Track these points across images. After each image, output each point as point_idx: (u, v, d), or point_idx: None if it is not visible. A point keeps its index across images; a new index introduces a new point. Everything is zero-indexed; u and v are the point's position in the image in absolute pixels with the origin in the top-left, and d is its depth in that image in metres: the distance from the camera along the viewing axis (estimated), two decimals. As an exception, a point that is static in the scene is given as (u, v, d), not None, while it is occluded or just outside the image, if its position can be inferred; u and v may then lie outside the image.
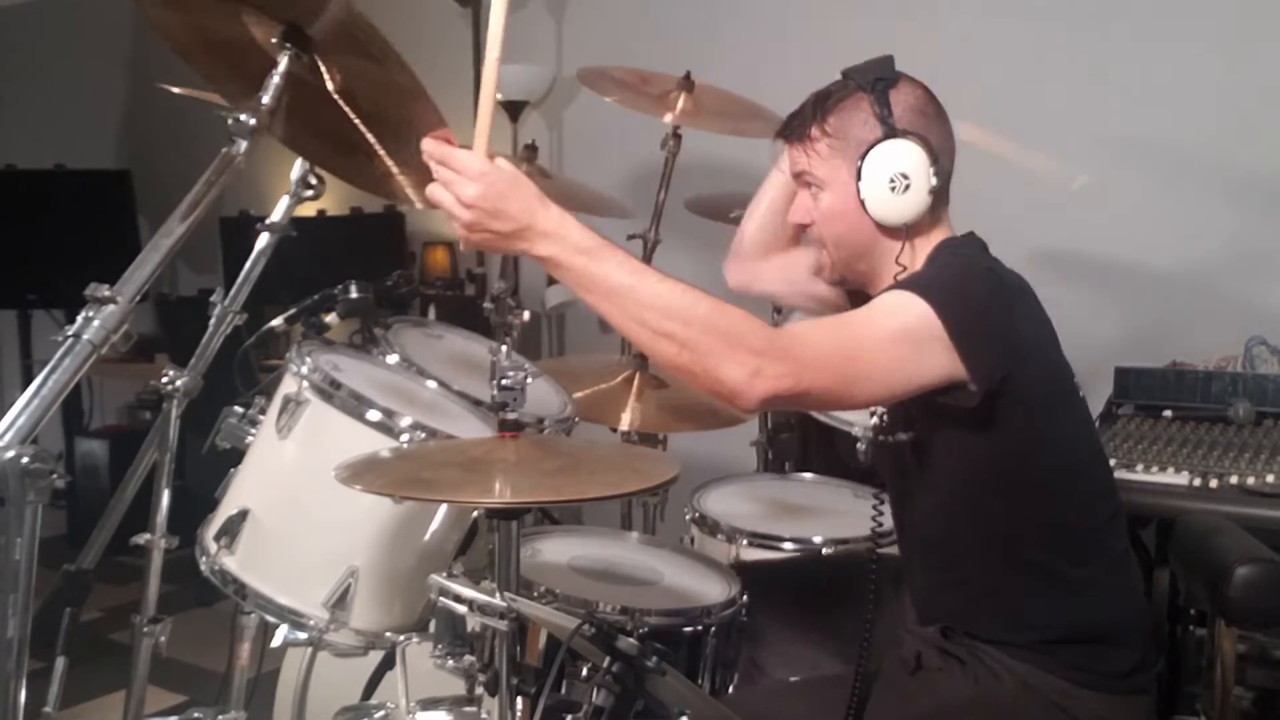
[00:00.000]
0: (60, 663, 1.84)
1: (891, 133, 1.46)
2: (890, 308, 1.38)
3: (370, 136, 1.55)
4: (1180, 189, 2.80)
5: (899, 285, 1.42)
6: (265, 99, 1.43)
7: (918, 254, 1.52)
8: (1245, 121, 2.70)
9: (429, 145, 1.33)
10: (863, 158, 1.47)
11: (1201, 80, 2.75)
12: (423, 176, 1.37)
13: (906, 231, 1.49)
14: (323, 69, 1.50)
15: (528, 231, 1.30)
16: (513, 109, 3.81)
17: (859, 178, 1.47)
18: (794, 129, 1.55)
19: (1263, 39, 2.69)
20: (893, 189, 1.45)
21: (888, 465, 1.60)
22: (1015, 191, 2.82)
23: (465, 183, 1.29)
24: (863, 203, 1.48)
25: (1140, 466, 2.03)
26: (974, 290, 1.40)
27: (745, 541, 2.02)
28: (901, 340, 1.35)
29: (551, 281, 3.75)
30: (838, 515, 2.18)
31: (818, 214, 1.55)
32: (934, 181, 1.46)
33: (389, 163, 1.57)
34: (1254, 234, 2.71)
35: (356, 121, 1.54)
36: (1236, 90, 2.71)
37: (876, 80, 1.48)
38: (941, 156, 1.48)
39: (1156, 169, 2.82)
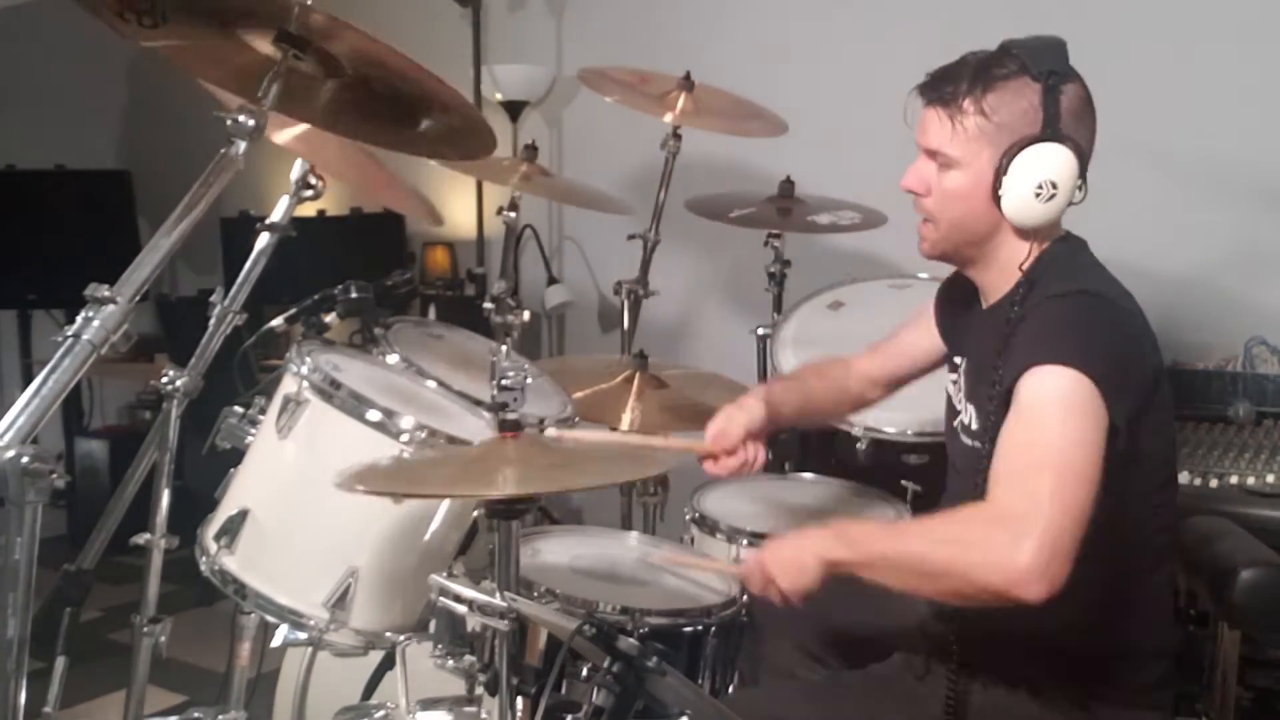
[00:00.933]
0: (60, 662, 1.84)
1: (1054, 135, 1.37)
2: (1056, 399, 1.27)
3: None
4: (1180, 189, 2.79)
5: (1032, 359, 1.31)
6: (266, 100, 1.44)
7: (1016, 243, 1.44)
8: (1245, 121, 2.70)
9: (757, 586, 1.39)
10: (1015, 153, 1.37)
11: (1202, 80, 2.75)
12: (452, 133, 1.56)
13: (1035, 234, 1.42)
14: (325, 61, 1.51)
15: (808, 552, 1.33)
16: (513, 109, 3.81)
17: (1004, 171, 1.38)
18: (944, 93, 1.42)
19: (1263, 39, 2.68)
20: (1039, 195, 1.37)
21: (959, 460, 1.56)
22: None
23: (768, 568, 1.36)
24: (998, 197, 1.39)
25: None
26: (1105, 336, 1.34)
27: (745, 541, 2.02)
28: (1081, 426, 1.25)
29: (552, 281, 3.75)
30: (838, 515, 2.17)
31: (939, 190, 1.45)
32: (1079, 195, 1.39)
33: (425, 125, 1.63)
34: (1254, 234, 2.71)
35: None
36: (1237, 90, 2.71)
37: (1051, 72, 1.38)
38: (1087, 164, 1.40)
39: (1156, 169, 2.82)
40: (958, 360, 1.59)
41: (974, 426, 1.49)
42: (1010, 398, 1.33)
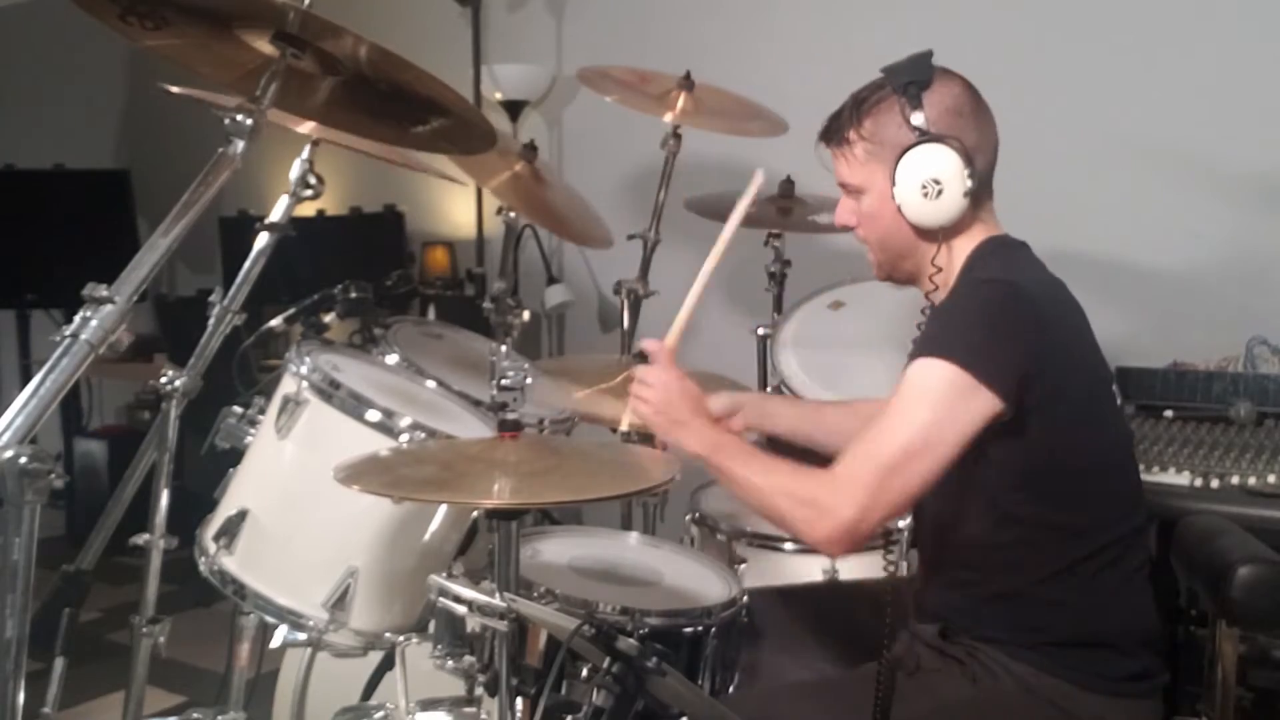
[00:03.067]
0: (59, 663, 1.84)
1: (924, 137, 1.46)
2: (917, 389, 1.39)
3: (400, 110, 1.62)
4: (1180, 189, 2.79)
5: (918, 349, 1.42)
6: (264, 100, 1.44)
7: (955, 254, 1.53)
8: (1249, 120, 2.70)
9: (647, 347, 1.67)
10: (896, 163, 1.47)
11: (1201, 80, 2.75)
12: (453, 135, 1.60)
13: (943, 234, 1.51)
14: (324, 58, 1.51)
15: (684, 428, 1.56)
16: (512, 109, 3.81)
17: (894, 182, 1.48)
18: (833, 133, 1.56)
19: (1263, 39, 2.68)
20: (925, 195, 1.46)
21: None
22: (1014, 191, 2.82)
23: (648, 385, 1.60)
24: (899, 208, 1.49)
25: (1141, 467, 2.02)
26: (987, 315, 1.41)
27: (745, 541, 2.01)
28: (942, 413, 1.36)
29: (551, 281, 3.75)
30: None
31: (861, 217, 1.57)
32: (968, 184, 1.46)
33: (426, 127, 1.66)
34: (1255, 234, 2.71)
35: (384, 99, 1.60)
36: (1236, 90, 2.71)
37: (909, 83, 1.48)
38: (977, 156, 1.48)
39: (1156, 169, 2.82)
40: None
41: None
42: None
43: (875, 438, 1.38)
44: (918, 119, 1.47)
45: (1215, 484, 1.96)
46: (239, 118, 1.42)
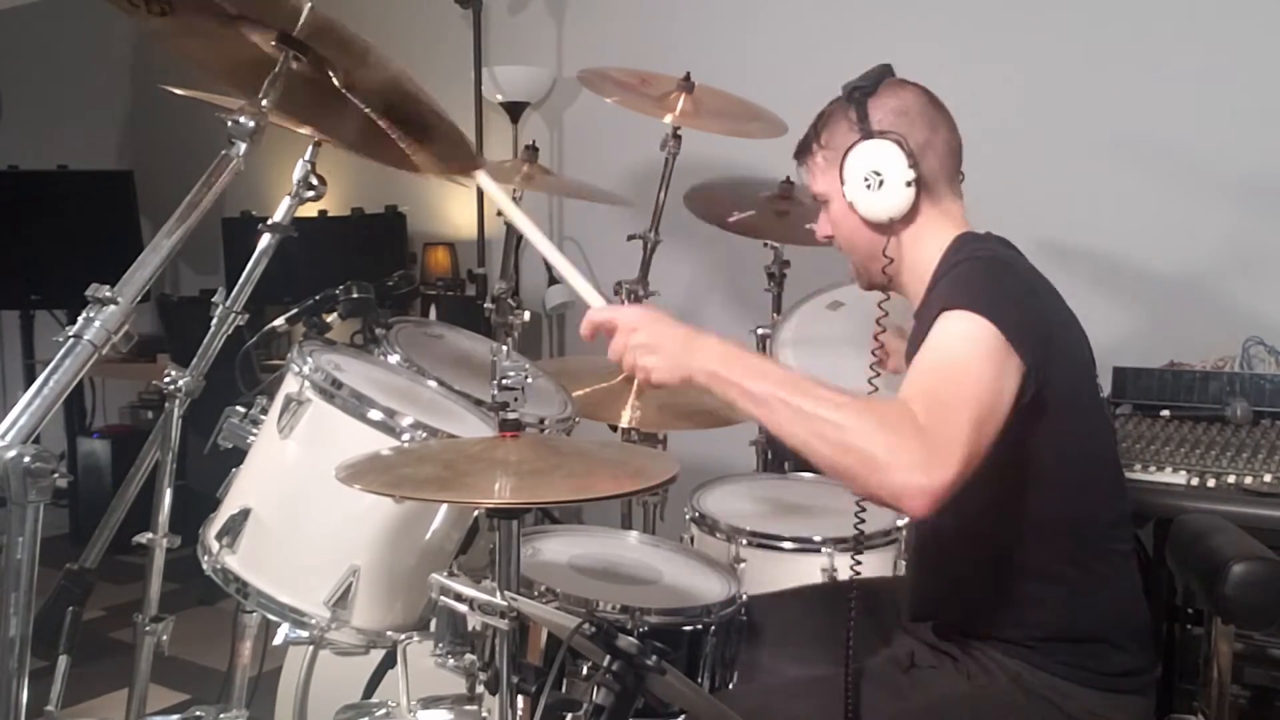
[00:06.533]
0: (63, 661, 1.85)
1: (866, 134, 1.53)
2: (963, 337, 1.34)
3: (393, 129, 1.61)
4: (1178, 189, 2.80)
5: (947, 304, 1.37)
6: (266, 101, 1.44)
7: (912, 246, 1.56)
8: (1245, 121, 2.71)
9: (587, 330, 1.56)
10: (841, 162, 1.54)
11: (1201, 80, 2.75)
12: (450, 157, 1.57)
13: (895, 226, 1.55)
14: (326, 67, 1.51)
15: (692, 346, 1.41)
16: (513, 110, 3.82)
17: (843, 181, 1.55)
18: (800, 149, 1.65)
19: (1262, 39, 2.69)
20: (868, 186, 1.52)
21: None
22: (1012, 191, 2.83)
23: (629, 331, 1.48)
24: (851, 205, 1.55)
25: (1138, 466, 2.03)
26: (1004, 283, 1.43)
27: (745, 541, 2.02)
28: (994, 372, 1.31)
29: (552, 282, 3.76)
30: (837, 515, 2.18)
31: (832, 226, 1.63)
32: (910, 174, 1.51)
33: (420, 152, 1.65)
34: (1252, 234, 2.72)
35: (373, 115, 1.59)
36: (1236, 90, 2.71)
37: (854, 90, 1.56)
38: (926, 152, 1.53)
39: (1155, 169, 2.82)
40: None
41: None
42: None
43: (953, 393, 1.28)
44: (861, 122, 1.54)
45: (1211, 483, 1.96)
46: (241, 119, 1.42)
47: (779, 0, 3.41)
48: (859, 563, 1.64)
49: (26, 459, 1.14)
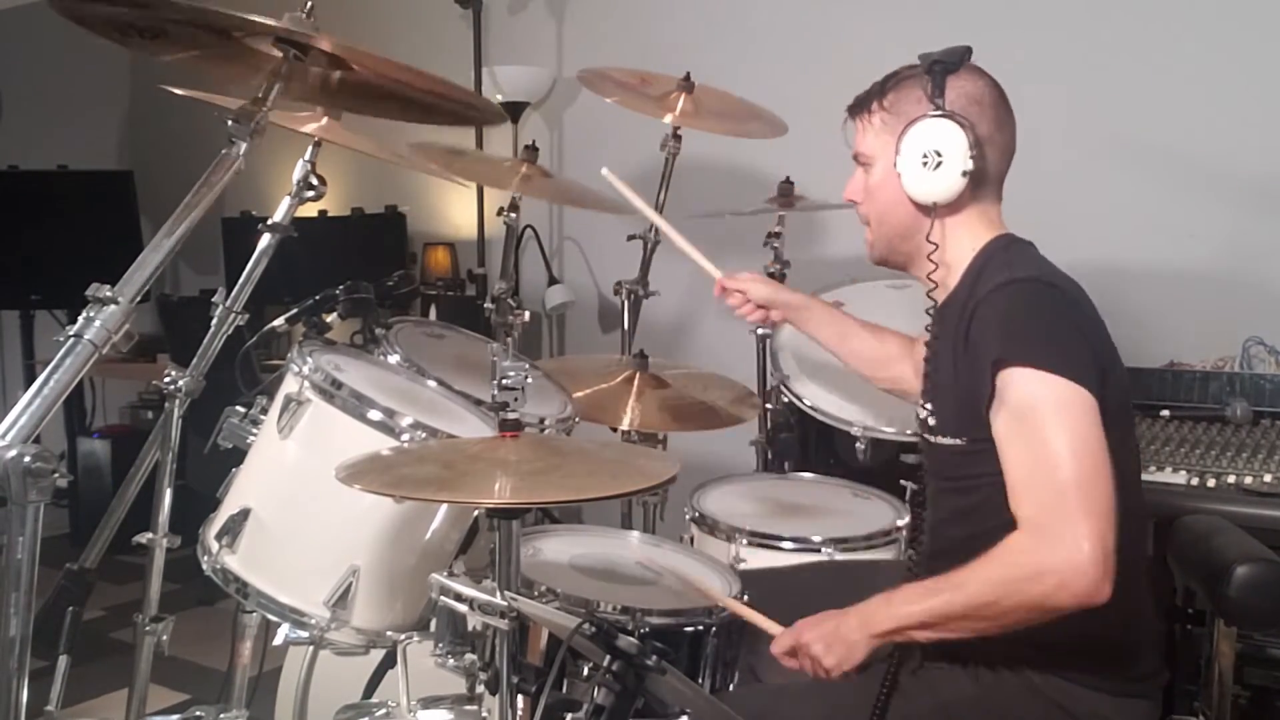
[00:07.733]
0: (63, 661, 1.85)
1: (936, 112, 1.49)
2: (1049, 408, 1.32)
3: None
4: (1178, 189, 2.80)
5: (1005, 357, 1.36)
6: (266, 101, 1.45)
7: (952, 238, 1.54)
8: (1244, 121, 2.70)
9: (783, 661, 1.50)
10: (905, 131, 1.50)
11: (1201, 80, 2.75)
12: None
13: (939, 211, 1.52)
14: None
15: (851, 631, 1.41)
16: (513, 110, 3.82)
17: (898, 151, 1.50)
18: (858, 104, 1.60)
19: (1262, 39, 2.69)
20: (924, 164, 1.48)
21: (926, 460, 1.61)
22: (1011, 191, 2.82)
23: (805, 648, 1.45)
24: (898, 176, 1.51)
25: (1139, 466, 2.03)
26: (1059, 316, 1.40)
27: (745, 541, 2.02)
28: (1082, 432, 1.31)
29: (552, 281, 3.76)
30: (837, 515, 2.18)
31: (867, 190, 1.60)
32: (969, 165, 1.47)
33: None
34: (1251, 234, 2.71)
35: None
36: (1236, 90, 2.71)
37: (935, 63, 1.52)
38: (988, 147, 1.50)
39: (1155, 169, 2.82)
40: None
41: (931, 423, 1.55)
42: (976, 394, 1.39)
43: (1046, 474, 1.31)
44: (936, 97, 1.50)
45: (1212, 483, 1.96)
46: (241, 119, 1.42)
47: (779, 0, 3.41)
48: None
49: (27, 459, 1.14)
